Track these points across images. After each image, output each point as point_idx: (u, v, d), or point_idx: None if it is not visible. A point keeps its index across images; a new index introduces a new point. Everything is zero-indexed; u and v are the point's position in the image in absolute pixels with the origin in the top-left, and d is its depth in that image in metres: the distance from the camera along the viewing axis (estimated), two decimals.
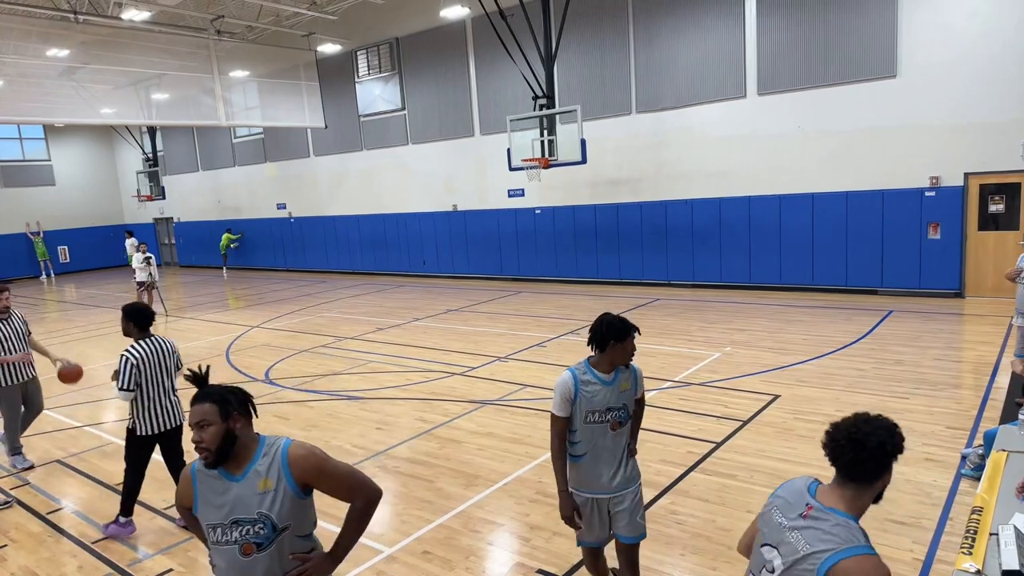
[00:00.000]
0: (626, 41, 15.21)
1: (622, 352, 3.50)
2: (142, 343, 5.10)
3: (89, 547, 5.19)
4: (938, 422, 6.57)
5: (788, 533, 2.21)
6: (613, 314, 3.58)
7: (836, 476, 2.28)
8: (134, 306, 5.24)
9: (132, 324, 5.13)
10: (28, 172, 28.34)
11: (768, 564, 2.28)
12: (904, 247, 12.68)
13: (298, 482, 2.55)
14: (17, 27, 14.89)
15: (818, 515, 2.16)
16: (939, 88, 11.93)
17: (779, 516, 2.29)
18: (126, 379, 4.97)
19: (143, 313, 5.20)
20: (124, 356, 5.00)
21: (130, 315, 5.17)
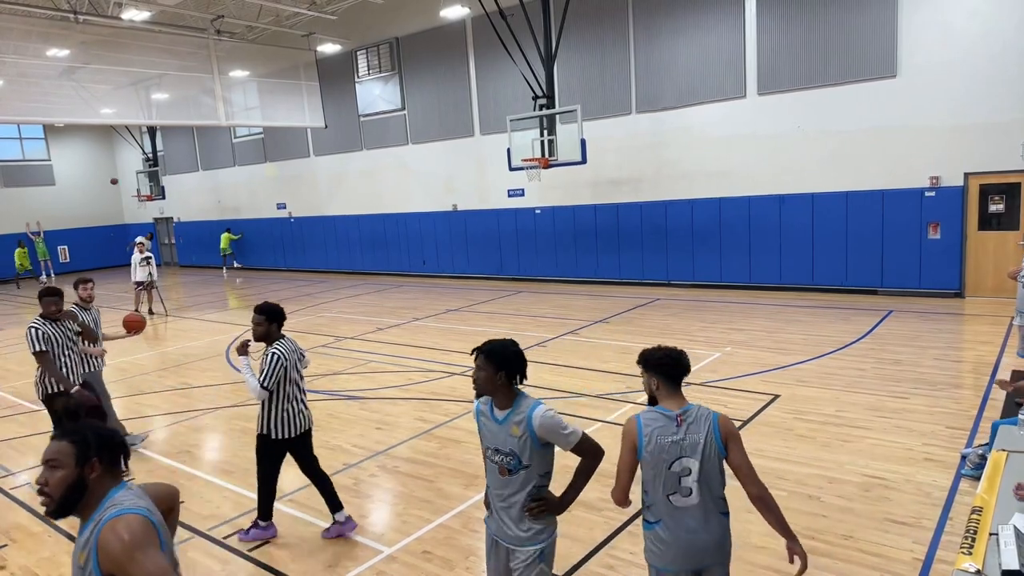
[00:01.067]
0: (626, 41, 15.21)
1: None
2: (284, 342, 4.86)
3: None
4: (938, 422, 6.57)
5: (684, 439, 3.00)
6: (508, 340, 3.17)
7: (668, 387, 3.12)
8: (273, 306, 4.90)
9: (275, 325, 4.86)
10: (28, 172, 28.35)
11: (685, 471, 2.97)
12: (904, 247, 12.68)
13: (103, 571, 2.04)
14: (17, 27, 14.88)
15: (687, 415, 3.04)
16: (939, 88, 11.93)
17: (665, 438, 3.00)
18: (272, 378, 4.72)
19: (282, 312, 4.95)
20: (275, 354, 4.75)
21: (273, 315, 4.86)
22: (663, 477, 2.99)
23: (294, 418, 4.91)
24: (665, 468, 2.98)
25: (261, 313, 4.85)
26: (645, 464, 3.04)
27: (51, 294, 6.22)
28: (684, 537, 2.97)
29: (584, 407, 7.65)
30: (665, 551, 3.01)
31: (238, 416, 8.22)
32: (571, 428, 3.13)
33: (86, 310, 6.96)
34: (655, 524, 3.04)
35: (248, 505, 5.72)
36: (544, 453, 3.12)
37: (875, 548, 4.48)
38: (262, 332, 4.85)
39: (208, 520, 5.50)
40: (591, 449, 3.16)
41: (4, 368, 11.70)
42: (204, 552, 5.01)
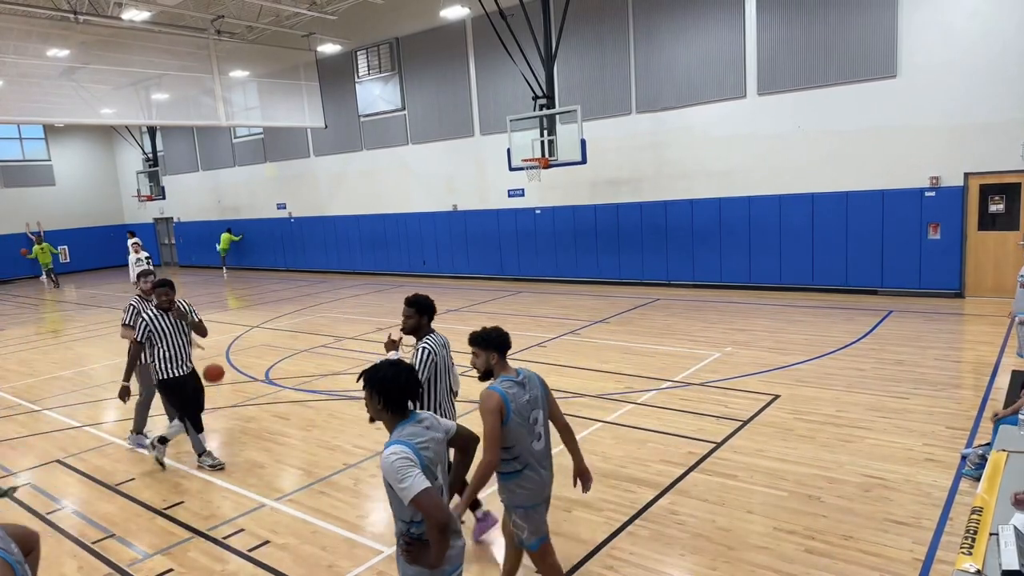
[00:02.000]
0: (626, 41, 15.21)
1: None
2: (435, 337, 4.68)
3: (89, 547, 5.19)
4: (938, 422, 6.57)
5: (529, 396, 3.68)
6: None
7: (502, 360, 3.82)
8: (423, 298, 4.69)
9: (425, 318, 4.64)
10: (28, 172, 28.35)
11: (535, 421, 3.69)
12: (904, 247, 12.68)
13: None
14: (17, 27, 14.89)
15: (524, 377, 3.75)
16: (939, 88, 11.93)
17: (521, 399, 3.64)
18: (424, 372, 4.54)
19: (433, 305, 4.73)
20: (424, 348, 4.55)
21: (424, 307, 4.64)
22: (526, 429, 3.62)
23: (446, 416, 4.66)
24: (526, 422, 3.63)
25: (411, 306, 4.64)
26: (512, 424, 3.56)
27: (163, 284, 6.34)
28: (542, 474, 3.73)
29: (584, 407, 7.65)
30: (533, 489, 3.68)
31: (238, 416, 8.22)
32: (408, 482, 2.67)
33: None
34: (521, 471, 3.64)
35: (247, 505, 5.72)
36: (395, 496, 2.77)
37: (875, 548, 4.48)
38: (412, 325, 4.64)
39: (208, 520, 5.50)
40: (426, 509, 2.70)
41: (4, 368, 11.70)
42: (203, 552, 5.01)
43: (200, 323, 6.58)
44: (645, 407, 7.54)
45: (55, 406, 9.14)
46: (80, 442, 7.65)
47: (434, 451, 2.86)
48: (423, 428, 2.88)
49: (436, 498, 2.74)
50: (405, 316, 4.63)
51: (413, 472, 2.69)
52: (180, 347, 6.39)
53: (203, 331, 6.63)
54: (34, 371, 11.30)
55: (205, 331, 6.68)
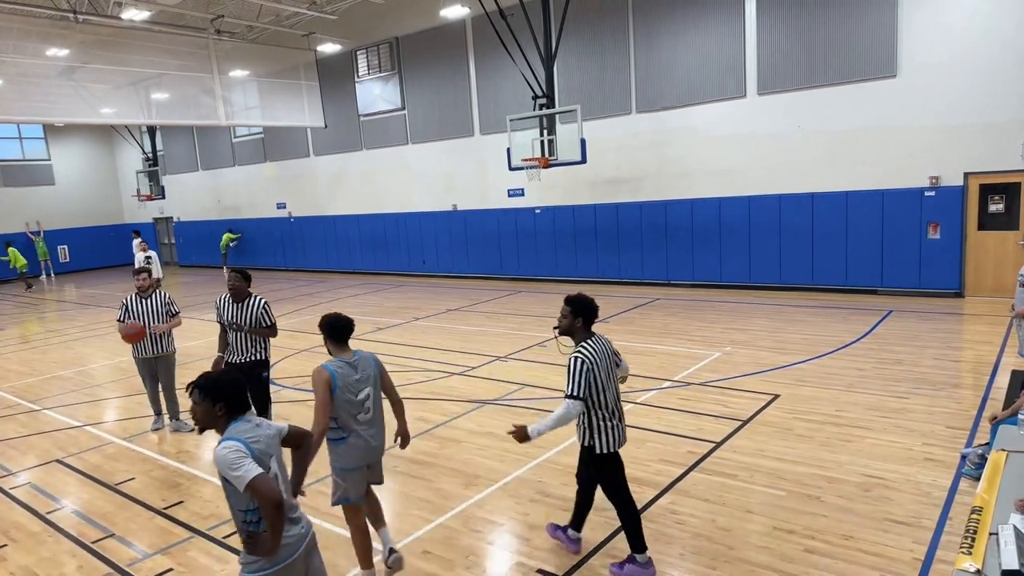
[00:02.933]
0: (626, 41, 15.21)
1: None
2: (590, 342, 4.21)
3: (89, 547, 5.19)
4: (938, 422, 6.57)
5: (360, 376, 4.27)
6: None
7: (339, 344, 4.31)
8: (584, 298, 4.26)
9: (581, 320, 4.21)
10: (28, 172, 28.34)
11: (366, 396, 4.28)
12: (904, 247, 12.68)
13: None
14: (17, 27, 14.89)
15: (358, 359, 4.33)
16: (939, 88, 11.93)
17: (351, 378, 4.19)
18: (579, 385, 4.06)
19: (594, 307, 4.27)
20: (577, 357, 4.11)
21: (582, 308, 4.21)
22: (352, 404, 4.18)
23: (617, 427, 4.28)
24: (355, 397, 4.18)
25: (568, 304, 4.24)
26: (339, 399, 4.12)
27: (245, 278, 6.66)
28: (366, 443, 4.29)
29: None
30: (355, 454, 4.27)
31: None
32: (242, 471, 2.87)
33: (145, 299, 7.62)
34: (345, 438, 4.22)
35: None
36: (232, 489, 2.95)
37: (875, 548, 4.48)
38: (566, 327, 4.25)
39: (208, 520, 5.50)
40: (261, 492, 2.88)
41: (4, 368, 11.70)
42: (204, 552, 5.01)
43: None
44: (645, 407, 7.54)
45: (55, 406, 9.14)
46: (80, 442, 7.65)
47: (265, 444, 3.05)
48: (252, 426, 3.07)
49: (270, 482, 2.94)
50: (561, 315, 4.26)
51: (245, 461, 2.89)
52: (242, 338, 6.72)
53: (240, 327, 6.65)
54: (34, 371, 11.30)
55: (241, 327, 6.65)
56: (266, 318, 6.62)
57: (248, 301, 6.60)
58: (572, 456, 6.26)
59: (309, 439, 3.49)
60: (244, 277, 6.61)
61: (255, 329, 6.58)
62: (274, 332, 6.75)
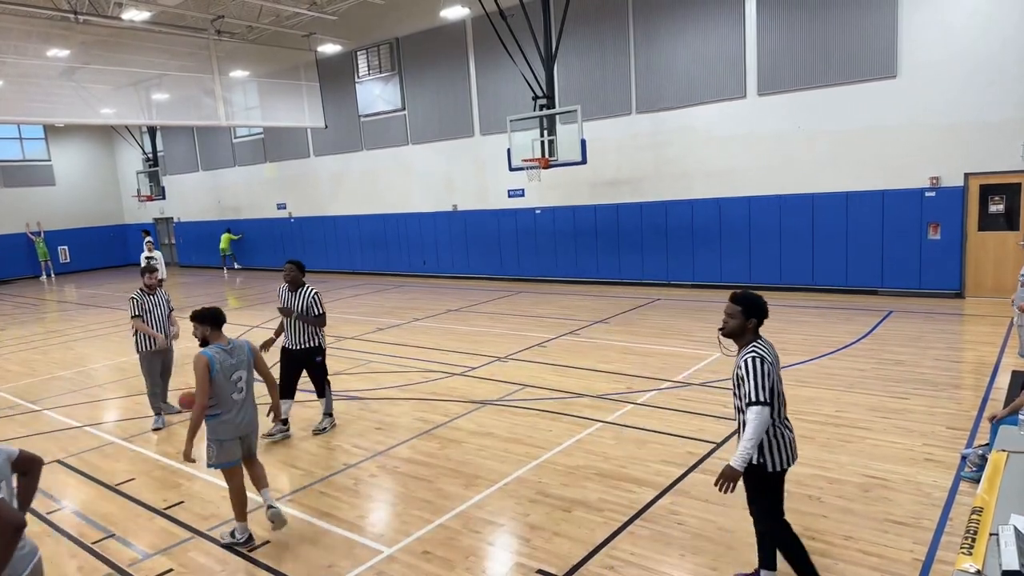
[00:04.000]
0: (626, 41, 15.21)
1: None
2: (764, 343, 3.78)
3: (89, 547, 5.19)
4: (938, 422, 6.57)
5: (235, 360, 4.96)
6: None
7: (216, 331, 4.91)
8: (755, 297, 3.82)
9: (754, 321, 3.76)
10: (28, 172, 28.34)
11: (239, 378, 4.96)
12: (904, 247, 12.68)
13: None
14: (17, 27, 14.89)
15: (232, 347, 4.98)
16: (939, 88, 11.93)
17: (227, 362, 4.87)
18: (764, 388, 3.59)
19: (764, 307, 3.81)
20: (755, 356, 3.65)
21: (754, 307, 3.77)
22: (228, 384, 4.85)
23: (790, 441, 3.81)
24: (229, 379, 4.85)
25: (738, 303, 3.79)
26: (217, 380, 4.76)
27: (299, 268, 7.20)
28: (240, 418, 4.95)
29: (584, 407, 7.65)
30: (229, 429, 4.90)
31: None
32: None
33: (151, 295, 8.00)
34: (220, 414, 4.85)
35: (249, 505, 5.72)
36: None
37: (875, 548, 4.48)
38: (735, 328, 3.79)
39: (208, 520, 5.50)
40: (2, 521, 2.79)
41: (4, 368, 11.70)
42: (204, 552, 5.01)
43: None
44: (645, 407, 7.54)
45: (55, 406, 9.15)
46: (80, 442, 7.65)
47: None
48: None
49: (11, 506, 2.98)
50: (727, 315, 3.81)
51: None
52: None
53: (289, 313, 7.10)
54: (34, 371, 11.30)
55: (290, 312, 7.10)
56: (316, 307, 7.07)
57: (301, 290, 7.11)
58: (572, 457, 6.27)
59: (38, 465, 3.36)
60: (298, 267, 7.16)
61: (305, 317, 7.02)
62: (322, 321, 7.14)
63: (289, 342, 7.18)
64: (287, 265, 7.14)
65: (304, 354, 7.14)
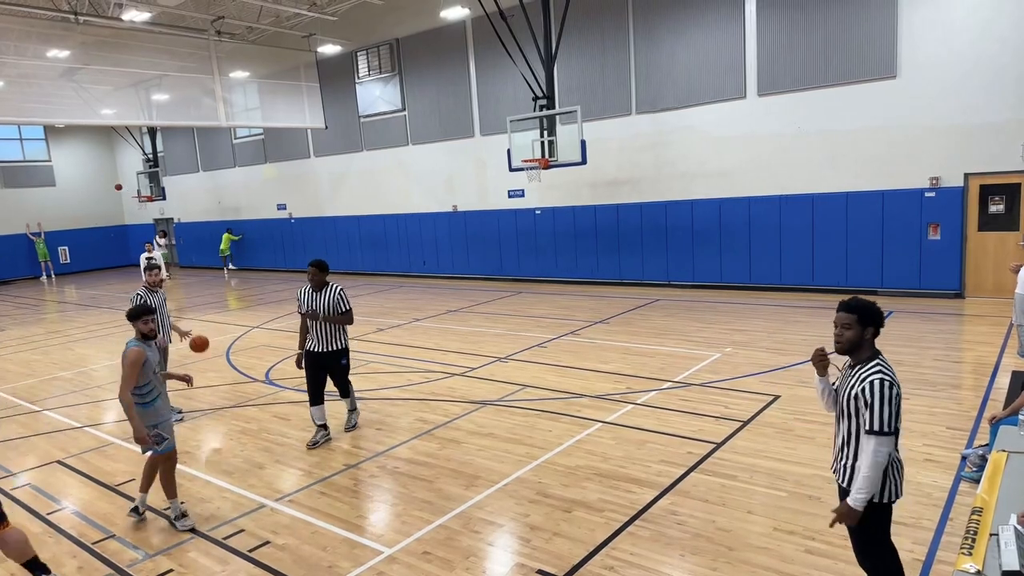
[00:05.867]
0: (626, 41, 15.21)
1: None
2: (884, 359, 3.37)
3: (89, 547, 5.19)
4: (938, 423, 6.57)
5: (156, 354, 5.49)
6: None
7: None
8: (867, 302, 3.33)
9: (871, 330, 3.31)
10: (28, 173, 28.35)
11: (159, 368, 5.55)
12: (904, 247, 12.68)
13: None
14: (17, 28, 14.91)
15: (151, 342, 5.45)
16: (939, 88, 11.93)
17: (154, 356, 5.41)
18: (892, 416, 3.22)
19: (881, 313, 3.36)
20: (884, 380, 3.22)
21: (869, 314, 3.29)
22: (156, 375, 5.34)
23: (900, 470, 3.42)
24: (157, 370, 5.37)
25: (852, 311, 3.28)
26: (148, 369, 5.23)
27: (321, 269, 7.05)
28: (166, 404, 5.50)
29: (584, 407, 7.65)
30: (164, 408, 5.43)
31: (237, 417, 8.22)
32: None
33: (153, 293, 7.89)
34: (156, 399, 5.32)
35: (247, 506, 5.73)
36: None
37: None
38: (852, 340, 3.30)
39: (208, 521, 5.50)
40: None
41: (4, 368, 11.70)
42: (204, 553, 5.01)
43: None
44: (645, 408, 7.54)
45: (55, 407, 9.15)
46: (80, 442, 7.65)
47: None
48: None
49: None
50: (842, 326, 3.28)
51: None
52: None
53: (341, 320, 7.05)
54: (34, 371, 11.30)
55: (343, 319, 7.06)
56: (342, 304, 7.00)
57: (325, 290, 6.99)
58: (572, 457, 6.27)
59: None
60: (321, 268, 7.01)
61: (332, 316, 6.92)
62: (349, 318, 7.06)
63: (314, 345, 7.01)
64: (310, 267, 6.96)
65: (330, 357, 7.03)
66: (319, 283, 6.97)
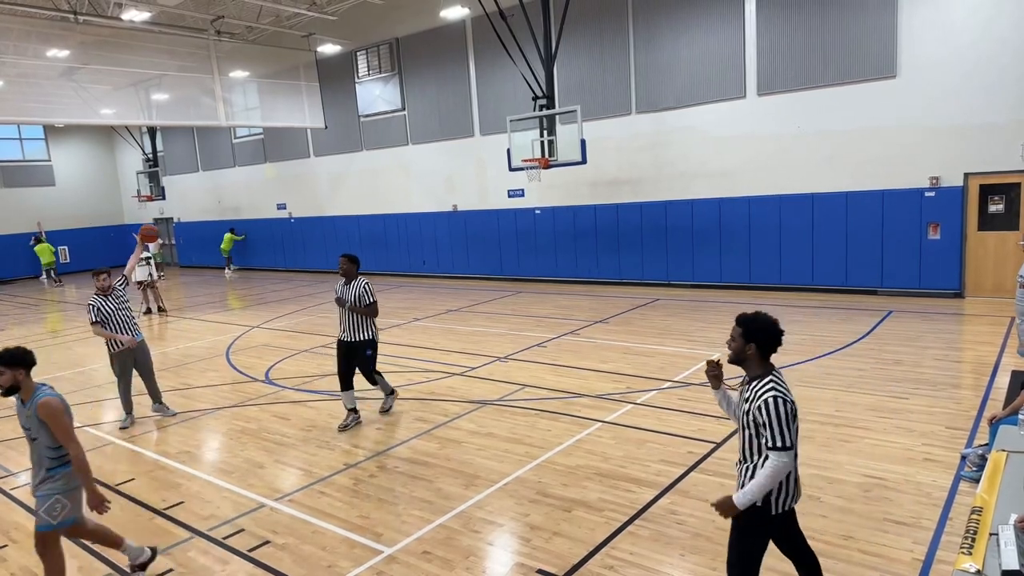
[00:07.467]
0: (626, 41, 15.21)
1: None
2: (777, 375, 3.33)
3: (89, 547, 5.19)
4: (938, 422, 6.57)
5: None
6: None
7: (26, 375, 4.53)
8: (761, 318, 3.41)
9: (755, 346, 3.33)
10: (28, 172, 28.36)
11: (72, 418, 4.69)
12: (904, 247, 12.68)
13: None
14: (17, 27, 14.90)
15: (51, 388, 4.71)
16: (939, 88, 11.93)
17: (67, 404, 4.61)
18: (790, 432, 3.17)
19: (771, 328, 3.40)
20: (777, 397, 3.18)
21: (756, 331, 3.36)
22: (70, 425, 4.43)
23: (797, 480, 3.38)
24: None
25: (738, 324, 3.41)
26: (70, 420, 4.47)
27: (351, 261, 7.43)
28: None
29: (584, 407, 7.65)
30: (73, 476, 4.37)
31: (238, 417, 8.22)
32: None
33: (108, 298, 7.80)
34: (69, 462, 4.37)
35: (247, 505, 5.73)
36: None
37: (875, 548, 4.48)
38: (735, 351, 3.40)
39: (208, 520, 5.50)
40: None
41: None
42: (203, 552, 5.01)
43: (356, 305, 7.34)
44: (645, 407, 7.54)
45: None
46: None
47: None
48: None
49: None
50: (730, 337, 3.49)
51: None
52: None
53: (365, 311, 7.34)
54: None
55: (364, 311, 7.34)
56: (367, 296, 7.35)
57: (354, 282, 7.40)
58: (572, 457, 6.28)
59: None
60: (352, 261, 7.43)
61: (357, 306, 7.29)
62: (372, 311, 7.38)
63: (343, 334, 7.44)
64: (341, 259, 7.43)
65: (357, 346, 7.40)
66: (349, 274, 7.37)
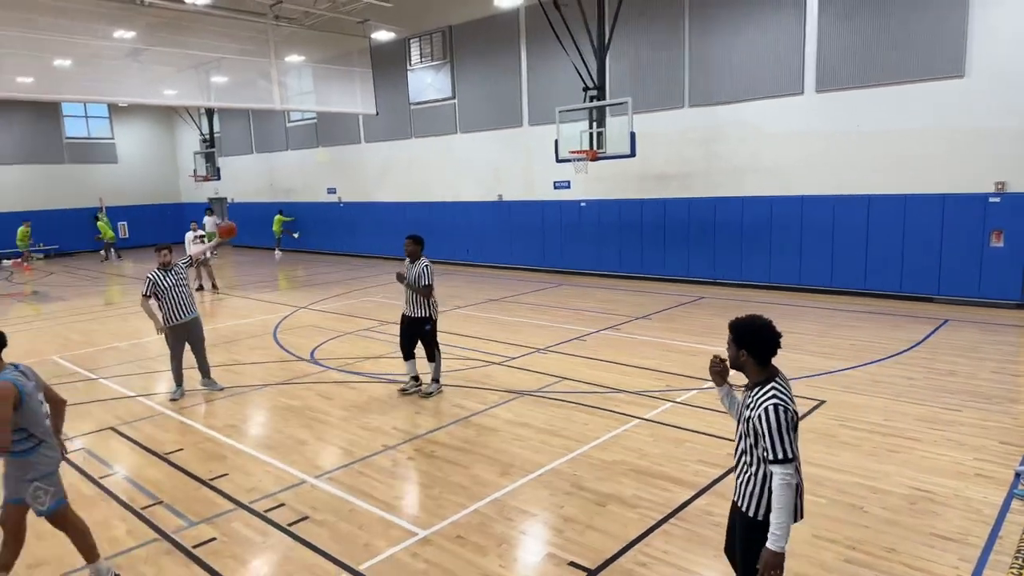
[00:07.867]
0: (680, 33, 14.94)
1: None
2: (780, 382, 3.23)
3: (138, 512, 5.41)
4: (992, 437, 6.33)
5: (35, 384, 4.25)
6: None
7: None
8: (755, 323, 3.38)
9: (747, 352, 3.28)
10: (93, 150, 29.50)
11: (42, 402, 4.28)
12: (964, 254, 12.19)
13: None
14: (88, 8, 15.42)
15: (24, 368, 4.26)
16: (1009, 89, 11.39)
17: (28, 387, 4.11)
18: (789, 441, 3.04)
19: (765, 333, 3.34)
20: (776, 405, 3.08)
21: (746, 338, 3.30)
22: (38, 411, 4.14)
23: (802, 493, 3.27)
24: (37, 403, 4.16)
25: (730, 330, 3.36)
26: (27, 408, 4.05)
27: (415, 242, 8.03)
28: (53, 447, 4.26)
29: (622, 403, 7.61)
30: (51, 458, 4.21)
31: (284, 394, 8.43)
32: None
33: (166, 272, 8.05)
34: (40, 445, 4.14)
35: (288, 481, 5.88)
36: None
37: (918, 563, 4.35)
38: (731, 357, 3.34)
39: (251, 493, 5.67)
40: None
41: (66, 337, 12.23)
42: (245, 524, 5.17)
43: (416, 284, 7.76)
44: (685, 406, 7.46)
45: (111, 376, 9.53)
46: (134, 411, 7.96)
47: None
48: None
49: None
50: (727, 343, 3.38)
51: None
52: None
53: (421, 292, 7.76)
54: (92, 341, 11.78)
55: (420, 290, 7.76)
56: (424, 278, 7.78)
57: (417, 262, 7.93)
58: (608, 452, 6.25)
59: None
60: (415, 242, 8.03)
61: (413, 285, 7.73)
62: (425, 291, 7.76)
63: (407, 309, 7.94)
64: (406, 240, 7.98)
65: (416, 321, 7.86)
66: (413, 254, 7.93)
